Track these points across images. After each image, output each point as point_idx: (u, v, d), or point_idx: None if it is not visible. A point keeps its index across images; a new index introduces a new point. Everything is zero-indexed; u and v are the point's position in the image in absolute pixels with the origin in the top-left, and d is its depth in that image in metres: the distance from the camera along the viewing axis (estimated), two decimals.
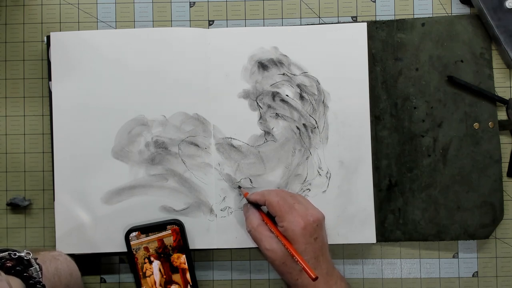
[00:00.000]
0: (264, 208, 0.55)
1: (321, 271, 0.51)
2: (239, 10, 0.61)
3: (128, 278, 0.60)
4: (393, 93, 0.60)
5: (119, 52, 0.58)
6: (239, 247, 0.58)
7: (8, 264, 0.45)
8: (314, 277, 0.48)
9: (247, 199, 0.56)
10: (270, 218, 0.54)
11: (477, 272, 0.60)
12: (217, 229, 0.58)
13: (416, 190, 0.59)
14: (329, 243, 0.55)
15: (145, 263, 0.57)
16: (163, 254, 0.57)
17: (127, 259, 0.60)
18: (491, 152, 0.59)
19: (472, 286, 0.60)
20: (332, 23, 0.60)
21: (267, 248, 0.52)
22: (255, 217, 0.55)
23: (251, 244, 0.58)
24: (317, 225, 0.53)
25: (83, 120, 0.58)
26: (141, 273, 0.57)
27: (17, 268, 0.45)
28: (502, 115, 0.60)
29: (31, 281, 0.45)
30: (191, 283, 0.57)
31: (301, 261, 0.49)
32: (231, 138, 0.58)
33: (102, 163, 0.58)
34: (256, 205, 0.56)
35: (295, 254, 0.50)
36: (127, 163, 0.58)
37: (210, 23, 0.61)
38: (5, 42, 0.61)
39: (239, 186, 0.58)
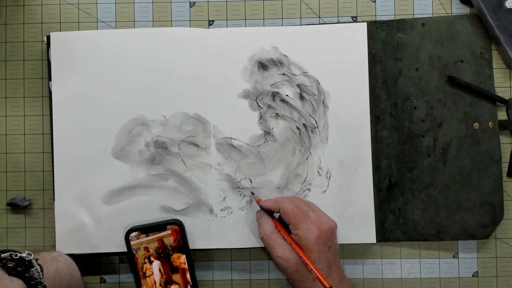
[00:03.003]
0: (277, 215, 0.55)
1: (334, 280, 0.51)
2: (239, 10, 0.61)
3: (128, 278, 0.60)
4: (393, 93, 0.60)
5: (119, 52, 0.58)
6: (239, 247, 0.58)
7: (9, 265, 0.45)
8: (328, 286, 0.48)
9: (260, 206, 0.56)
10: (283, 225, 0.54)
11: (477, 272, 0.60)
12: (217, 229, 0.58)
13: (416, 190, 0.59)
14: None
15: (145, 263, 0.57)
16: (163, 254, 0.57)
17: (127, 259, 0.60)
18: (491, 152, 0.59)
19: (472, 286, 0.60)
20: (332, 23, 0.60)
21: (280, 256, 0.52)
22: (268, 224, 0.54)
23: (251, 244, 0.58)
24: (331, 234, 0.53)
25: (83, 120, 0.58)
26: (141, 273, 0.57)
27: (19, 268, 0.45)
28: (502, 115, 0.60)
29: (32, 282, 0.45)
30: (191, 283, 0.57)
31: (315, 270, 0.49)
32: (231, 138, 0.58)
33: (102, 163, 0.58)
34: (269, 212, 0.56)
35: (309, 263, 0.50)
36: (127, 163, 0.58)
37: (210, 23, 0.61)
38: (5, 42, 0.61)
39: (252, 192, 0.58)
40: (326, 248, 0.51)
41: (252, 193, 0.58)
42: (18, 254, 0.47)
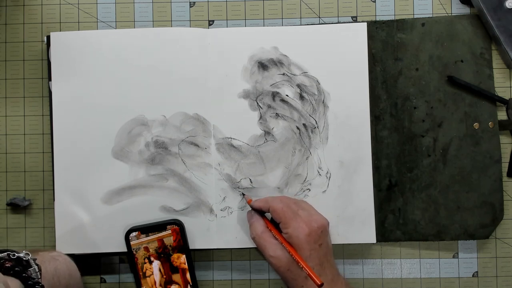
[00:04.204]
0: (268, 215, 0.55)
1: (326, 277, 0.51)
2: (239, 10, 0.61)
3: (128, 278, 0.60)
4: (393, 93, 0.60)
5: (119, 52, 0.58)
6: (239, 247, 0.58)
7: (7, 265, 0.45)
8: (319, 283, 0.48)
9: (251, 206, 0.56)
10: (274, 225, 0.54)
11: (477, 272, 0.60)
12: (217, 229, 0.58)
13: (416, 190, 0.59)
14: None
15: (145, 263, 0.57)
16: (163, 254, 0.57)
17: (127, 259, 0.60)
18: (491, 152, 0.59)
19: (472, 286, 0.60)
20: (332, 23, 0.61)
21: (272, 255, 0.52)
22: (259, 224, 0.54)
23: (251, 244, 0.58)
24: (322, 231, 0.53)
25: (83, 120, 0.58)
26: (141, 273, 0.57)
27: (16, 268, 0.45)
28: (502, 115, 0.60)
29: (30, 282, 0.45)
30: (191, 283, 0.57)
31: (306, 268, 0.49)
32: (231, 138, 0.58)
33: (102, 163, 0.58)
34: (260, 212, 0.56)
35: (300, 260, 0.50)
36: (127, 163, 0.58)
37: (210, 23, 0.61)
38: (5, 42, 0.61)
39: (242, 193, 0.58)
40: (317, 246, 0.51)
41: (243, 194, 0.58)
42: (16, 254, 0.47)
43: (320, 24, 0.60)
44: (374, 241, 0.58)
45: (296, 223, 0.52)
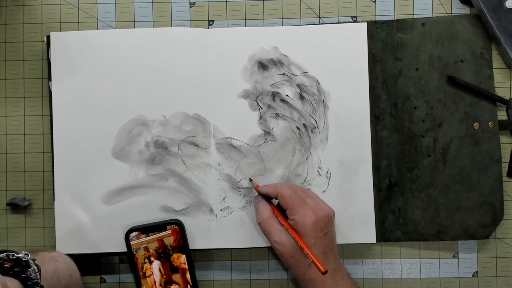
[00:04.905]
0: (275, 201, 0.55)
1: (329, 266, 0.51)
2: (239, 10, 0.61)
3: (128, 278, 0.60)
4: (393, 93, 0.60)
5: (119, 52, 0.58)
6: (239, 247, 0.58)
7: (6, 265, 0.45)
8: (324, 270, 0.48)
9: (258, 191, 0.56)
10: (281, 211, 0.54)
11: (477, 272, 0.60)
12: (217, 229, 0.58)
13: (416, 190, 0.59)
14: None
15: (145, 263, 0.57)
16: (163, 254, 0.57)
17: (127, 259, 0.60)
18: (491, 152, 0.59)
19: (472, 286, 0.60)
20: (332, 23, 0.61)
21: (277, 241, 0.52)
22: (266, 209, 0.55)
23: (251, 244, 0.58)
24: (328, 221, 0.53)
25: (83, 120, 0.58)
26: (141, 273, 0.57)
27: (15, 269, 0.45)
28: (502, 115, 0.60)
29: (29, 282, 0.45)
30: (191, 283, 0.57)
31: (311, 255, 0.49)
32: (231, 138, 0.58)
33: (102, 163, 0.58)
34: (267, 198, 0.56)
35: (305, 247, 0.50)
36: (127, 163, 0.58)
37: (210, 23, 0.61)
38: (5, 42, 0.61)
39: (250, 179, 0.58)
40: (322, 235, 0.52)
41: (250, 180, 0.58)
42: (15, 255, 0.46)
43: (320, 24, 0.60)
44: (374, 241, 0.58)
45: (303, 210, 0.52)
